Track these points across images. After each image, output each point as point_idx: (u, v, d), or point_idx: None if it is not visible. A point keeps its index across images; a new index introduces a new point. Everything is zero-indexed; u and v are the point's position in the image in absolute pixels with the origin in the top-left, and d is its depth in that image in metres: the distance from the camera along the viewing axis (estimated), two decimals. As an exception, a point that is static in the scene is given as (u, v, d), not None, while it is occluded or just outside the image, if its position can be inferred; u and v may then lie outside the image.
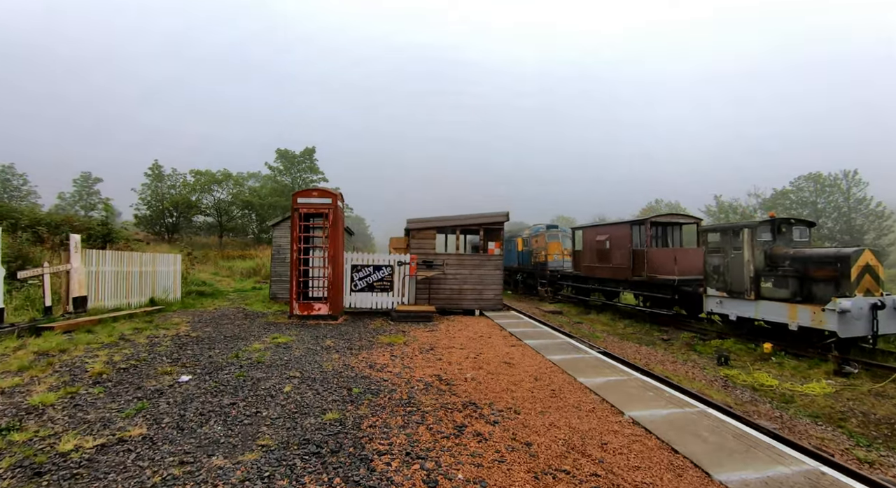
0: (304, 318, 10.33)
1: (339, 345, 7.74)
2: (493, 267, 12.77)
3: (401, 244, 14.26)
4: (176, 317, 10.38)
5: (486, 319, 11.48)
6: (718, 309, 13.94)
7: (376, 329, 9.55)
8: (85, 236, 15.06)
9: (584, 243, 22.16)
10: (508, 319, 11.35)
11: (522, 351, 7.59)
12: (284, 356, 6.73)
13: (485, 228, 12.93)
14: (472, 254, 12.90)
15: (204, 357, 6.54)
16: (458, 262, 12.63)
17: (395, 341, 8.12)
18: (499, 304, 12.79)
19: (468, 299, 12.63)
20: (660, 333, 16.27)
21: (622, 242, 19.30)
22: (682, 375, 11.29)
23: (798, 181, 55.88)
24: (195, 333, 8.32)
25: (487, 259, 12.77)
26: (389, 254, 12.47)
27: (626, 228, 19.22)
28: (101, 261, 10.56)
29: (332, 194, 10.59)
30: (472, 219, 12.76)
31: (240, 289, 18.62)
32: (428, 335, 8.94)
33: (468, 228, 13.04)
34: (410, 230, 12.53)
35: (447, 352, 7.31)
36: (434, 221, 12.55)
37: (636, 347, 14.14)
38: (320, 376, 5.71)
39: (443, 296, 12.53)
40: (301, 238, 10.41)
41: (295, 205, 10.43)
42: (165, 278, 13.05)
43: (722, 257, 13.66)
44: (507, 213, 12.86)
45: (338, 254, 10.62)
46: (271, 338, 7.99)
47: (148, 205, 36.79)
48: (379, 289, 12.14)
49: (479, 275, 12.69)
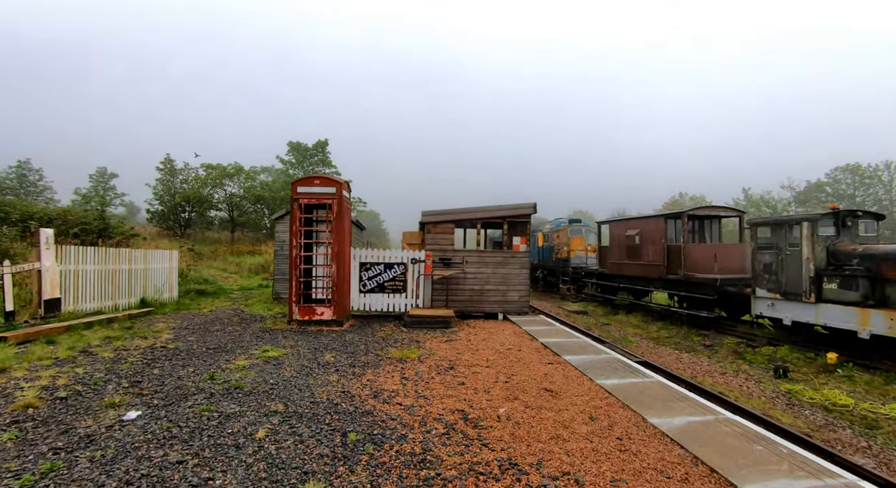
0: (304, 324, 9.07)
1: (341, 360, 6.43)
2: (519, 265, 11.33)
3: (415, 239, 12.91)
4: (162, 322, 9.22)
5: (512, 325, 10.07)
6: (770, 312, 12.31)
7: (386, 338, 8.23)
8: (78, 230, 14.10)
9: (612, 238, 20.57)
10: (538, 326, 9.91)
11: (563, 371, 6.16)
12: (271, 377, 5.44)
13: (509, 222, 11.48)
14: (495, 251, 11.47)
15: (171, 379, 5.28)
16: (480, 260, 11.22)
17: (408, 355, 6.77)
18: (525, 307, 11.36)
19: (490, 301, 11.22)
20: (699, 338, 14.65)
21: (655, 237, 17.71)
22: (735, 389, 9.75)
23: (834, 172, 52.77)
24: (174, 344, 7.11)
25: (512, 256, 11.33)
26: (402, 251, 11.14)
27: (660, 222, 17.61)
28: (82, 258, 9.46)
29: (336, 182, 9.27)
30: (494, 212, 11.32)
31: (245, 287, 17.56)
32: (447, 347, 7.57)
33: (490, 222, 11.60)
34: (425, 224, 11.16)
35: (471, 373, 5.93)
36: (452, 214, 11.15)
37: (676, 354, 12.59)
38: (310, 410, 4.39)
39: (462, 297, 11.14)
40: (301, 232, 9.13)
41: (294, 195, 9.15)
42: (160, 276, 11.96)
43: (774, 254, 12.04)
44: (534, 205, 11.38)
45: (344, 251, 9.32)
46: (261, 351, 6.72)
47: (160, 200, 36.29)
48: (391, 289, 10.82)
49: (502, 275, 11.27)
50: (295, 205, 9.11)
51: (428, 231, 11.16)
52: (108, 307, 9.99)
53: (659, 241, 16.98)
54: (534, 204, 11.36)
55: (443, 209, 11.19)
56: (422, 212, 11.16)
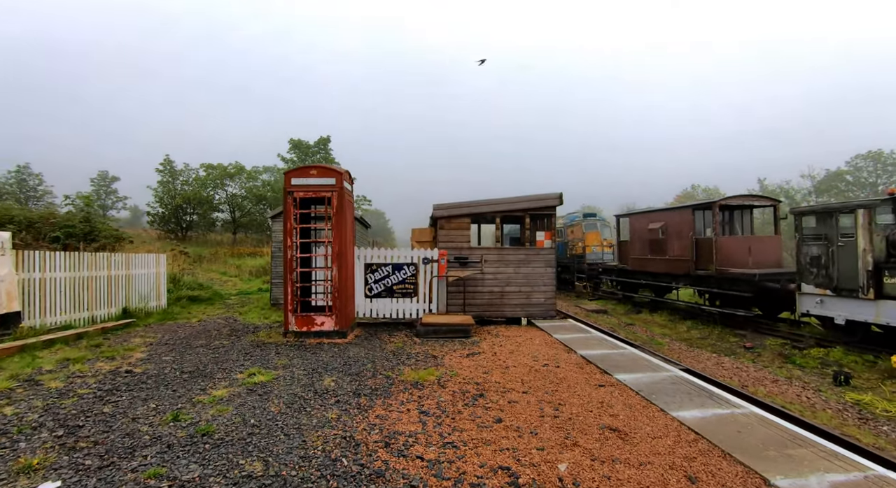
0: (302, 336, 7.85)
1: (343, 385, 5.20)
2: (543, 263, 10.05)
3: (425, 237, 11.67)
4: (140, 336, 8.05)
5: (540, 332, 8.80)
6: (818, 310, 11.02)
7: (397, 352, 6.99)
8: (61, 234, 13.01)
9: (633, 232, 19.25)
10: (570, 333, 8.63)
11: (623, 397, 4.89)
12: (253, 415, 4.22)
13: (531, 214, 10.20)
14: (517, 248, 10.20)
15: (123, 421, 4.08)
16: (500, 259, 9.95)
17: (426, 378, 5.52)
18: (551, 310, 10.08)
19: (512, 305, 9.96)
20: (736, 339, 13.31)
21: (682, 230, 16.39)
22: (793, 400, 8.43)
23: (855, 160, 50.80)
24: (144, 366, 5.92)
25: (536, 254, 10.05)
26: (412, 250, 9.90)
27: (688, 214, 16.28)
28: (49, 264, 8.31)
29: (335, 172, 8.04)
30: (515, 203, 10.04)
31: (244, 291, 16.42)
32: (470, 363, 6.32)
33: (510, 215, 10.33)
34: (438, 219, 9.91)
35: (507, 404, 4.67)
36: (468, 207, 9.89)
37: (715, 358, 11.26)
38: (298, 473, 3.16)
39: (480, 301, 9.89)
40: (297, 230, 7.92)
41: (288, 188, 7.93)
42: (145, 283, 10.81)
43: (824, 246, 10.75)
44: (559, 195, 10.09)
45: (346, 251, 8.09)
46: (247, 375, 5.51)
47: (161, 202, 35.40)
48: (400, 293, 9.58)
49: (525, 275, 9.99)
50: (289, 200, 7.89)
51: (441, 227, 9.91)
52: (81, 319, 8.84)
53: (686, 234, 15.70)
54: (559, 194, 10.07)
55: (457, 202, 9.92)
56: (434, 205, 9.92)
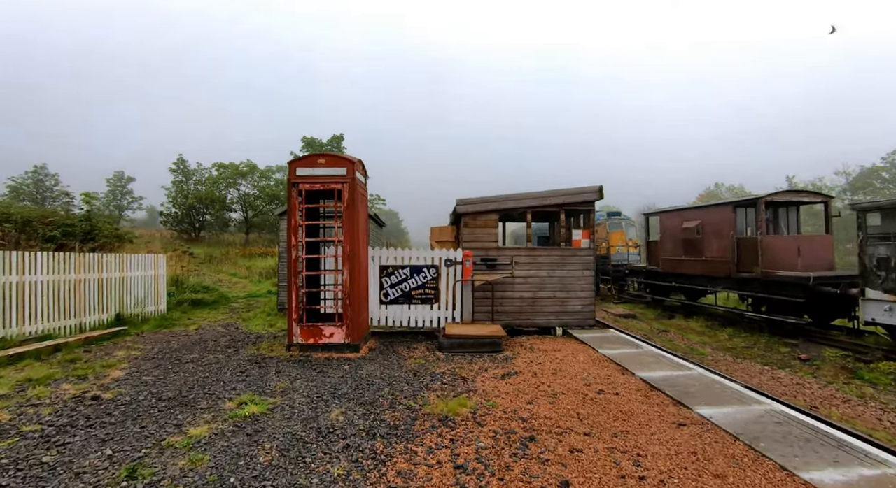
0: (308, 349, 6.82)
1: (354, 420, 4.13)
2: (581, 265, 8.86)
3: (446, 236, 10.57)
4: (125, 348, 7.10)
5: (580, 345, 7.62)
6: (887, 318, 9.70)
7: (419, 371, 5.90)
8: (59, 233, 12.26)
9: (664, 232, 17.91)
10: (618, 348, 7.43)
11: (718, 443, 3.72)
12: (234, 470, 3.18)
13: (567, 210, 9.02)
14: (550, 249, 9.02)
15: (63, 476, 3.07)
16: (531, 260, 8.80)
17: (457, 409, 4.42)
18: (589, 318, 8.89)
19: (545, 312, 8.80)
20: (787, 349, 11.92)
21: (721, 229, 15.05)
22: (875, 426, 7.12)
23: (892, 156, 48.16)
24: (116, 390, 4.93)
25: (572, 254, 8.87)
26: (432, 251, 8.81)
27: (728, 212, 14.93)
28: (30, 266, 7.43)
29: (347, 161, 7.00)
30: (548, 198, 8.87)
31: (252, 294, 15.54)
32: (507, 387, 5.20)
33: (543, 211, 9.16)
34: (462, 215, 8.80)
35: (568, 453, 3.53)
36: (495, 202, 8.76)
37: (769, 371, 9.93)
38: None
39: (510, 308, 8.75)
40: (303, 228, 6.89)
41: (293, 179, 6.91)
42: (141, 286, 9.93)
43: (893, 246, 9.43)
44: (599, 189, 8.89)
45: (358, 251, 7.04)
46: (237, 404, 4.48)
47: (174, 202, 35.07)
48: (419, 299, 8.50)
49: (560, 278, 8.82)
50: (293, 192, 6.86)
51: (465, 224, 8.80)
52: (67, 328, 7.95)
53: (727, 234, 14.36)
54: (599, 187, 8.88)
55: (483, 196, 8.80)
56: (457, 200, 8.81)
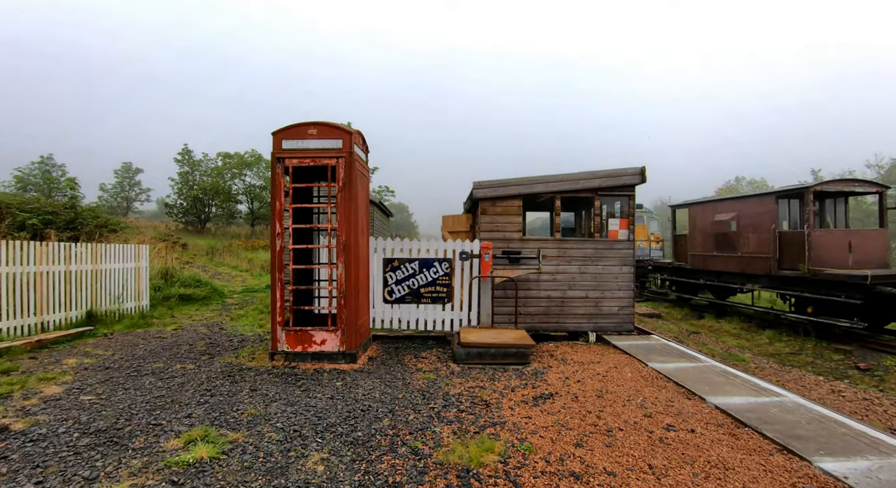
0: (296, 359, 5.64)
1: (339, 473, 2.92)
2: (619, 260, 7.56)
3: (460, 226, 9.33)
4: (80, 355, 5.98)
5: (622, 356, 6.34)
6: None
7: (429, 391, 4.68)
8: (38, 221, 11.26)
9: (693, 225, 16.49)
10: (670, 360, 6.12)
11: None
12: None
13: (602, 195, 7.70)
14: (582, 240, 7.72)
15: None
16: (560, 254, 7.51)
17: (480, 457, 3.19)
18: (628, 323, 7.59)
19: (576, 315, 7.52)
20: (840, 356, 10.48)
21: (761, 222, 13.64)
22: None
23: (928, 148, 45.58)
24: (37, 417, 3.79)
25: (608, 247, 7.57)
26: (445, 242, 7.56)
27: (769, 203, 13.47)
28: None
29: (342, 131, 5.76)
30: (580, 181, 7.55)
31: (250, 288, 14.48)
32: (545, 420, 3.96)
33: (574, 197, 7.84)
34: (479, 201, 7.54)
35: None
36: (518, 185, 7.47)
37: (825, 382, 8.54)
38: None
39: (535, 309, 7.49)
40: (290, 213, 5.70)
41: (277, 152, 5.69)
42: (120, 279, 8.86)
43: None
44: (641, 170, 7.55)
45: (357, 241, 5.82)
46: (184, 442, 3.31)
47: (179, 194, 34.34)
48: (429, 298, 7.28)
49: (593, 275, 7.53)
50: (278, 170, 5.66)
51: (483, 211, 7.52)
52: (21, 327, 6.88)
53: (767, 227, 12.96)
54: (641, 169, 7.54)
55: (504, 179, 7.52)
56: (474, 182, 7.53)
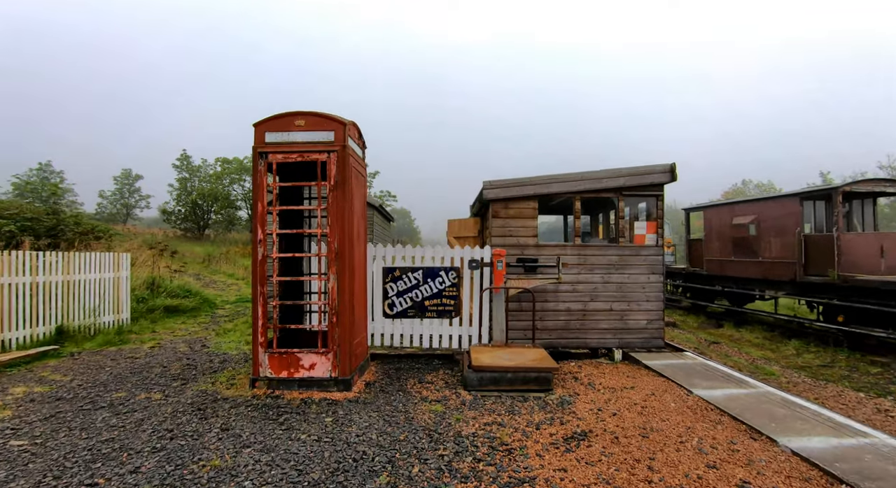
0: (280, 386, 4.83)
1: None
2: (647, 268, 6.73)
3: (467, 230, 8.53)
4: (32, 381, 5.17)
5: (656, 377, 5.49)
6: None
7: (436, 431, 3.86)
8: (15, 228, 10.52)
9: (709, 229, 15.68)
10: (716, 386, 5.27)
11: None
12: None
13: (627, 195, 6.90)
14: (604, 247, 6.89)
15: None
16: (581, 261, 6.70)
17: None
18: (657, 338, 6.75)
19: (599, 329, 6.69)
20: (878, 370, 9.60)
21: (783, 225, 12.88)
22: None
23: (941, 149, 44.59)
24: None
25: (634, 254, 6.75)
26: (452, 250, 6.76)
27: (793, 204, 12.68)
28: (-80, 268, 5.60)
29: (335, 122, 4.98)
30: (602, 180, 6.75)
31: (244, 298, 13.69)
32: (584, 474, 3.13)
33: (596, 197, 7.03)
34: (490, 203, 6.74)
35: None
36: (534, 184, 6.67)
37: (868, 400, 7.63)
38: None
39: (552, 323, 6.66)
40: (274, 217, 4.92)
41: (259, 147, 4.92)
42: (96, 291, 8.09)
43: None
44: (671, 167, 6.75)
45: (352, 248, 5.03)
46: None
47: (177, 200, 33.78)
48: (435, 312, 6.47)
49: (618, 285, 6.71)
50: (259, 166, 4.88)
51: (494, 214, 6.72)
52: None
53: (790, 230, 12.15)
54: (671, 166, 6.73)
55: (518, 177, 6.72)
56: (484, 182, 6.73)
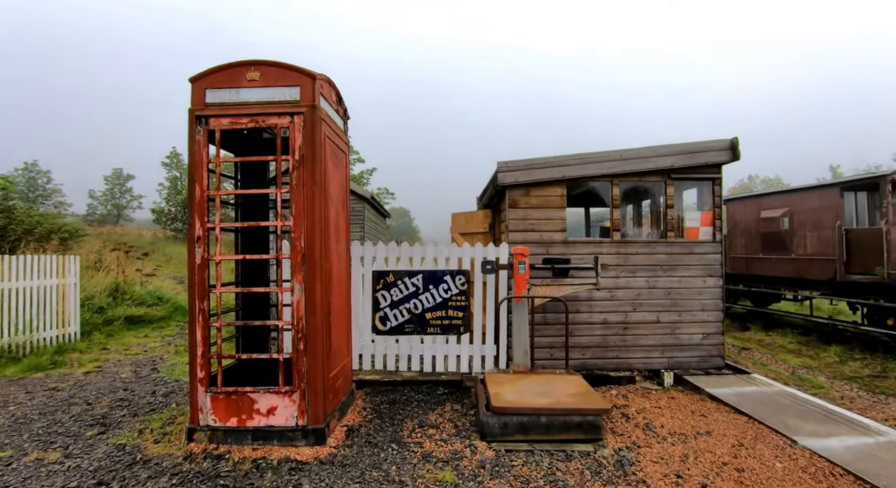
0: (227, 440, 3.47)
1: None
2: (702, 269, 5.38)
3: (475, 225, 7.15)
4: None
5: (731, 413, 4.13)
6: None
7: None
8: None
9: (734, 224, 14.26)
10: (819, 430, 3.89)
11: None
12: None
13: (677, 177, 5.55)
14: (651, 242, 5.53)
15: None
16: (620, 261, 5.34)
17: None
18: (716, 356, 5.39)
19: (644, 346, 5.33)
20: None
21: (821, 219, 11.44)
22: None
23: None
24: None
25: (687, 251, 5.39)
26: (459, 248, 5.37)
27: (832, 196, 11.23)
28: None
29: (300, 74, 3.60)
30: (648, 159, 5.39)
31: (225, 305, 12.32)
32: None
33: (639, 180, 5.67)
34: (507, 189, 5.37)
35: None
36: (563, 165, 5.30)
37: None
38: None
39: (586, 339, 5.31)
40: (218, 204, 3.56)
41: (198, 109, 3.55)
42: (32, 302, 6.71)
43: None
44: (731, 143, 5.39)
45: (326, 245, 3.66)
46: None
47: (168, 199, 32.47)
48: (438, 326, 5.10)
49: (666, 291, 5.36)
50: (197, 137, 3.52)
51: (513, 203, 5.36)
52: None
53: (829, 224, 10.76)
54: (731, 141, 5.37)
55: (542, 157, 5.36)
56: (499, 163, 5.35)
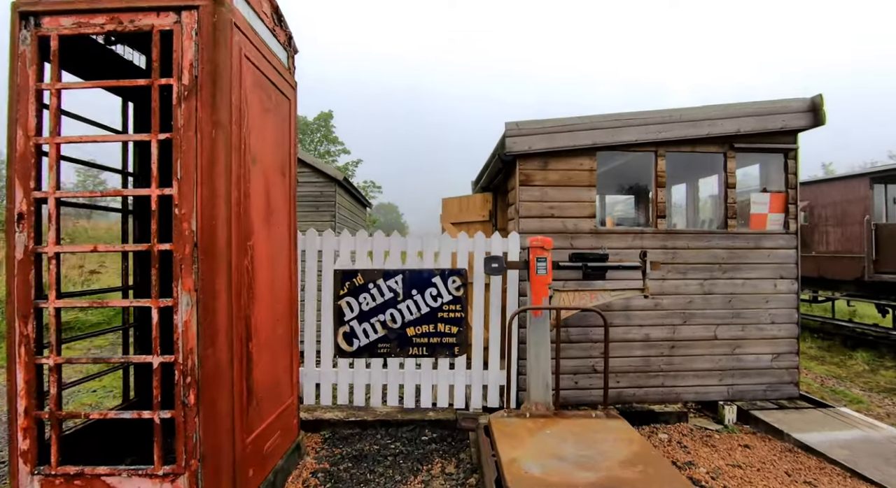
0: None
1: None
2: (771, 268, 4.09)
3: (471, 213, 5.78)
4: None
5: (832, 472, 2.85)
6: None
7: None
8: None
9: (746, 218, 13.21)
10: None
11: None
12: None
13: (738, 148, 4.25)
14: (705, 233, 4.22)
15: None
16: (667, 255, 4.03)
17: None
18: (789, 383, 4.12)
19: (696, 370, 4.03)
20: None
21: (846, 212, 10.62)
22: None
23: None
24: None
25: (752, 243, 4.11)
26: (453, 240, 3.98)
27: (860, 187, 10.36)
28: None
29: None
30: (705, 122, 4.09)
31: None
32: None
33: (693, 148, 4.35)
34: (518, 159, 4.00)
35: None
36: (592, 128, 3.97)
37: None
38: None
39: (621, 362, 3.99)
40: (54, 158, 2.15)
41: (24, 3, 2.14)
42: None
43: None
44: (812, 103, 4.10)
45: (240, 226, 2.27)
46: None
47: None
48: (424, 346, 3.73)
49: (725, 297, 4.06)
50: (22, 46, 2.09)
51: (526, 180, 3.99)
52: None
53: (856, 219, 9.85)
54: (812, 100, 4.09)
55: (562, 117, 4.01)
56: (507, 124, 3.98)
